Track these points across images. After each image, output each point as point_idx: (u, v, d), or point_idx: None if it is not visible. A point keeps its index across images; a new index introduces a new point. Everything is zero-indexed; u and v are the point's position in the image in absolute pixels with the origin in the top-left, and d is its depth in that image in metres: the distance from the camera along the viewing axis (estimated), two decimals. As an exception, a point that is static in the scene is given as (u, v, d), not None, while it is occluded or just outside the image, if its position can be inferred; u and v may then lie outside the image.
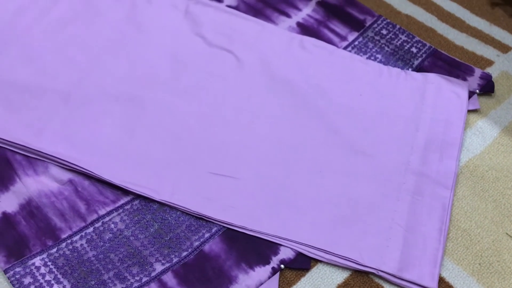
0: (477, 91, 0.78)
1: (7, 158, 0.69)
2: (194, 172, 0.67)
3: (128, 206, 0.65)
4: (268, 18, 0.88)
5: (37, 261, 0.60)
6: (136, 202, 0.66)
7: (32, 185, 0.66)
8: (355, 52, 0.83)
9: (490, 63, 0.83)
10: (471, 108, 0.76)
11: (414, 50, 0.83)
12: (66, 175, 0.67)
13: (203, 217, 0.64)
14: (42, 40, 0.81)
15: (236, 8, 0.89)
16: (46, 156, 0.68)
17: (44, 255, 0.61)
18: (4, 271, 0.59)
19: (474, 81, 0.79)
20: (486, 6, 0.92)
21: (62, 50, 0.80)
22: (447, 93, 0.76)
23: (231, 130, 0.72)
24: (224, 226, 0.64)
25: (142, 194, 0.65)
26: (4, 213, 0.64)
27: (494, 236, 0.64)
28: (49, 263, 0.60)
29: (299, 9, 0.90)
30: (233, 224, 0.63)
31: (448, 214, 0.64)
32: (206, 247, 0.62)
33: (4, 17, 0.84)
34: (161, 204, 0.65)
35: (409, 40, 0.85)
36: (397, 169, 0.68)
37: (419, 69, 0.81)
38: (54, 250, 0.61)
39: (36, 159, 0.68)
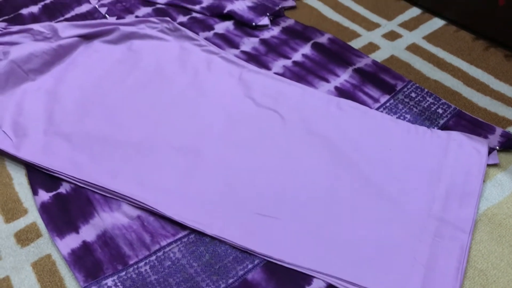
0: (497, 147, 0.85)
1: (88, 197, 0.82)
2: (242, 212, 0.78)
3: (185, 239, 0.76)
4: (309, 83, 1.00)
5: (109, 281, 0.72)
6: (192, 235, 0.77)
7: (107, 219, 0.79)
8: (386, 112, 0.94)
9: (511, 123, 0.91)
10: (491, 162, 0.83)
11: (440, 111, 0.93)
12: (135, 212, 0.80)
13: (248, 251, 0.74)
14: (120, 101, 0.97)
15: (282, 74, 1.03)
16: (120, 195, 0.81)
17: (115, 277, 0.72)
18: (83, 288, 0.71)
19: (495, 139, 0.87)
20: (510, 72, 1.01)
21: (136, 109, 0.95)
22: (468, 148, 0.84)
23: (275, 177, 0.83)
24: (265, 259, 0.73)
25: (197, 228, 0.76)
26: (84, 242, 0.76)
27: (510, 277, 0.69)
28: (118, 284, 0.72)
29: (337, 75, 1.02)
30: (273, 257, 0.73)
31: (465, 255, 0.71)
32: (249, 276, 0.72)
33: (93, 81, 1.01)
34: (213, 238, 0.76)
35: (435, 102, 0.94)
36: (420, 215, 0.76)
37: (444, 127, 0.90)
38: (123, 273, 0.73)
39: (111, 198, 0.81)
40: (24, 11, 1.24)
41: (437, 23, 1.15)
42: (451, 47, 1.08)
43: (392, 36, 1.13)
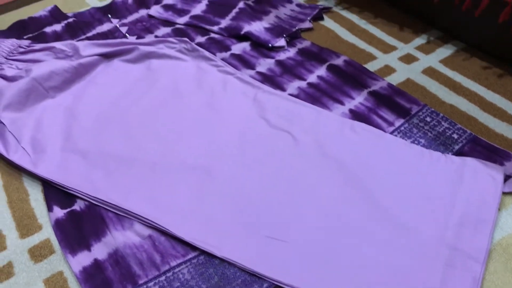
0: (513, 175, 0.84)
1: (102, 215, 0.83)
2: (251, 235, 0.78)
3: (194, 260, 0.77)
4: (324, 105, 1.01)
5: (118, 300, 0.73)
6: (202, 257, 0.77)
7: (119, 238, 0.80)
8: (400, 136, 0.93)
9: (529, 150, 0.90)
10: (506, 190, 0.82)
11: (455, 136, 0.92)
12: (147, 231, 0.80)
13: (256, 274, 0.74)
14: (137, 119, 0.99)
15: (296, 96, 1.03)
16: (132, 214, 0.82)
17: (124, 296, 0.74)
18: (92, 306, 0.72)
19: (511, 166, 0.85)
20: (528, 98, 1.00)
21: (152, 128, 0.97)
22: (483, 175, 0.83)
23: (286, 200, 0.83)
24: (274, 283, 0.73)
25: (207, 250, 0.76)
26: (96, 260, 0.77)
27: (524, 310, 0.68)
28: (128, 303, 0.73)
29: (352, 98, 1.02)
30: (282, 282, 0.72)
31: (478, 286, 0.69)
32: (258, 300, 0.72)
33: (111, 99, 1.03)
34: (222, 260, 0.76)
35: (451, 127, 0.94)
36: (432, 242, 0.75)
37: (459, 153, 0.89)
38: (133, 292, 0.74)
39: (124, 217, 0.83)
40: (48, 29, 1.27)
41: (454, 46, 1.15)
42: (468, 71, 1.07)
43: (408, 59, 1.13)
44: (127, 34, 1.24)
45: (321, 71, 1.10)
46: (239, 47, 1.18)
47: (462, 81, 1.05)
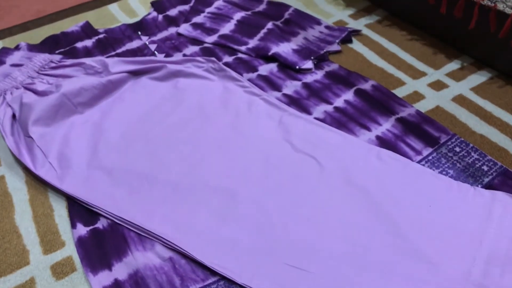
0: (546, 212, 0.81)
1: (124, 234, 0.83)
2: (273, 262, 0.77)
3: (214, 286, 0.76)
4: (350, 131, 0.99)
5: (137, 323, 0.73)
6: (221, 283, 0.76)
7: (140, 258, 0.80)
8: (428, 166, 0.91)
9: None
10: (538, 228, 0.79)
11: (485, 168, 0.89)
12: (167, 253, 0.80)
13: (277, 303, 0.73)
14: (161, 138, 0.99)
15: (323, 120, 1.02)
16: (155, 235, 0.82)
17: (143, 319, 0.73)
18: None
19: (543, 202, 0.83)
20: (563, 131, 0.97)
21: (176, 148, 0.97)
22: (513, 211, 0.81)
23: (308, 227, 0.81)
24: (294, 313, 0.72)
25: (227, 276, 0.76)
26: (116, 280, 0.77)
27: None
28: (146, 326, 0.72)
29: (379, 124, 1.01)
30: (302, 312, 0.72)
31: (506, 328, 0.67)
32: (277, 330, 0.71)
33: (137, 117, 1.04)
34: (242, 287, 0.75)
35: (481, 159, 0.91)
36: (458, 279, 0.72)
37: (488, 186, 0.86)
38: (151, 316, 0.74)
39: (146, 237, 0.83)
40: (79, 44, 1.29)
41: (486, 74, 1.12)
42: (500, 100, 1.05)
43: (438, 85, 1.11)
44: (156, 52, 1.25)
45: (348, 95, 1.08)
46: (266, 68, 1.18)
47: (493, 111, 1.02)
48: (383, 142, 0.96)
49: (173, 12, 1.41)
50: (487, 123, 1.00)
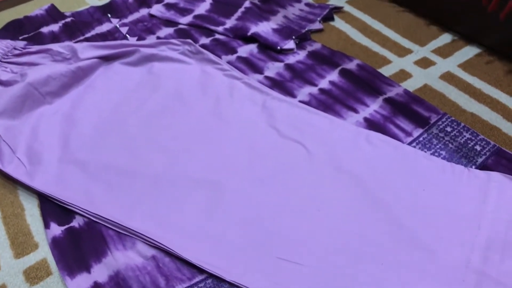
0: (542, 192, 0.79)
1: (102, 233, 0.78)
2: (263, 257, 0.73)
3: (201, 284, 0.71)
4: (337, 113, 0.95)
5: (120, 329, 0.68)
6: (209, 281, 0.72)
7: (121, 258, 0.74)
8: (419, 148, 0.88)
9: (557, 163, 0.84)
10: (535, 208, 0.77)
11: (478, 148, 0.86)
12: (150, 251, 0.75)
13: (269, 300, 0.69)
14: (138, 128, 0.93)
15: (308, 103, 0.97)
16: (135, 233, 0.76)
17: (127, 324, 0.68)
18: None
19: (539, 182, 0.80)
20: (554, 106, 0.94)
21: (155, 137, 0.91)
22: (510, 192, 0.77)
23: (298, 218, 0.77)
24: (288, 310, 0.68)
25: (215, 273, 0.71)
26: (96, 282, 0.71)
27: None
28: (130, 331, 0.68)
29: (367, 105, 0.96)
30: (296, 309, 0.68)
31: (509, 316, 0.65)
32: (271, 329, 0.67)
33: (111, 106, 0.98)
34: (231, 284, 0.70)
35: (473, 138, 0.88)
36: (457, 266, 0.70)
37: (482, 167, 0.83)
38: (135, 320, 0.69)
39: (126, 235, 0.77)
40: (45, 29, 1.21)
41: (473, 50, 1.09)
42: (489, 77, 1.01)
43: (425, 63, 1.07)
44: (127, 35, 1.18)
45: (333, 76, 1.04)
46: (246, 50, 1.13)
47: (483, 87, 0.99)
48: (371, 124, 0.92)
49: (144, -8, 1.34)
50: (477, 100, 0.96)
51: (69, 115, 0.97)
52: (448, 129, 0.90)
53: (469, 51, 1.09)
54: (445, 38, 1.13)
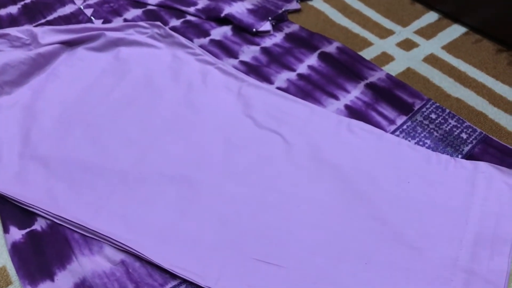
0: (531, 182, 0.76)
1: (66, 237, 0.72)
2: (240, 259, 0.68)
3: (175, 291, 0.67)
4: (316, 101, 0.90)
5: None
6: (183, 286, 0.67)
7: (87, 264, 0.69)
8: (403, 137, 0.83)
9: (545, 151, 0.81)
10: (524, 200, 0.74)
11: (464, 135, 0.83)
12: (119, 256, 0.70)
13: (247, 306, 0.65)
14: (105, 119, 0.87)
15: (285, 90, 0.92)
16: (102, 236, 0.71)
17: (94, 336, 0.63)
18: None
19: (528, 171, 0.77)
20: (541, 90, 0.91)
21: (123, 130, 0.85)
22: (498, 184, 0.74)
23: (277, 215, 0.73)
24: (267, 317, 0.64)
25: (189, 279, 0.66)
26: (61, 292, 0.67)
27: None
28: None
29: (348, 91, 0.92)
30: (277, 315, 0.64)
31: (499, 316, 0.62)
32: (249, 338, 0.63)
33: (75, 96, 0.91)
34: (206, 290, 0.67)
35: (459, 125, 0.84)
36: (445, 265, 0.66)
37: (469, 156, 0.80)
38: (103, 331, 0.64)
39: (92, 239, 0.72)
40: (2, 11, 1.13)
41: (457, 30, 1.05)
42: (473, 59, 0.97)
43: (407, 45, 1.02)
44: (92, 18, 1.11)
45: (312, 60, 0.98)
46: (219, 32, 1.06)
47: (468, 70, 0.95)
48: (352, 111, 0.88)
49: (110, -30, 1.25)
50: (462, 84, 0.92)
51: (29, 106, 0.90)
52: (433, 116, 0.86)
53: (453, 32, 1.04)
54: (429, 17, 1.09)
